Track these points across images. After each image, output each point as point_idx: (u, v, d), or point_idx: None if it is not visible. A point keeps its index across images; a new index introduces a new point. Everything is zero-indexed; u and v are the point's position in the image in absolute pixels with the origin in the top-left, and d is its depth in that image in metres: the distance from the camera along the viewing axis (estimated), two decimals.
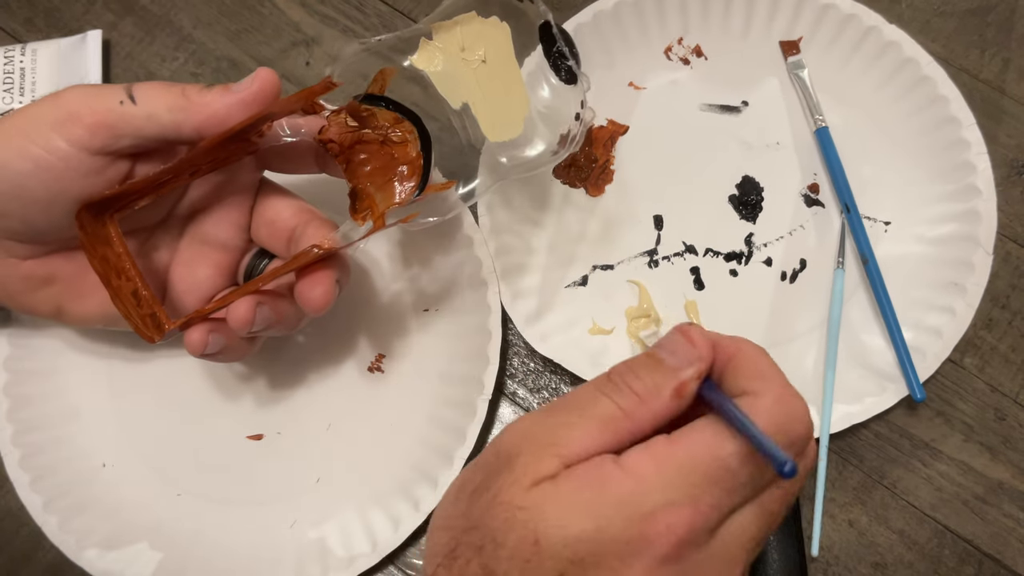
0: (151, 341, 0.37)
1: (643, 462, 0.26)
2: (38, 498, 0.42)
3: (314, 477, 0.45)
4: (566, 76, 0.37)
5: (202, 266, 0.40)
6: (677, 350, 0.28)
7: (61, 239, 0.37)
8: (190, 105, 0.34)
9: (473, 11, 0.36)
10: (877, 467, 0.44)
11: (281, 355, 0.46)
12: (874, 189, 0.47)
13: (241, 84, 0.35)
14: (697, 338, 0.28)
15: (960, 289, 0.44)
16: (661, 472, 0.25)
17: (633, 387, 0.27)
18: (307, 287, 0.37)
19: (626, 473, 0.26)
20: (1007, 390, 0.45)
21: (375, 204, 0.37)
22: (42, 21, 0.53)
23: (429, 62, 0.37)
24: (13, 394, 0.44)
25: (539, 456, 0.26)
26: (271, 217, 0.39)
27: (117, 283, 0.37)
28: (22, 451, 0.43)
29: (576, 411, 0.27)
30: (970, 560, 0.43)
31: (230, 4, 0.53)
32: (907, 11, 0.51)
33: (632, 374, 0.28)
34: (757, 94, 0.49)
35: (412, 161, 0.36)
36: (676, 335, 0.28)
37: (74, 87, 0.35)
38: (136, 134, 0.34)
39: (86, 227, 0.36)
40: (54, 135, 0.33)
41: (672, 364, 0.28)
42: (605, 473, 0.26)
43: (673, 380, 0.27)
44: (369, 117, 0.36)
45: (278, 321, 0.38)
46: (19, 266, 0.37)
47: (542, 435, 0.27)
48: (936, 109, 0.46)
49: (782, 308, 0.46)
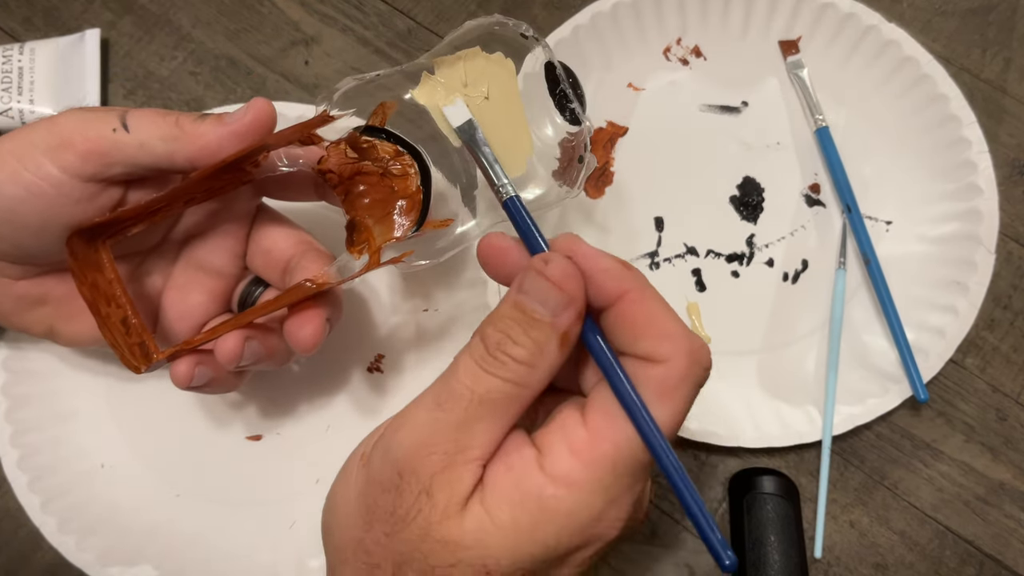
0: (136, 371, 0.36)
1: (573, 468, 0.25)
2: (36, 498, 0.42)
3: (314, 477, 0.44)
4: (570, 117, 0.36)
5: (195, 292, 0.39)
6: (545, 297, 0.26)
7: (53, 262, 0.37)
8: (183, 135, 0.34)
9: (477, 47, 0.35)
10: (878, 468, 0.44)
11: None
12: (875, 189, 0.47)
13: (235, 115, 0.34)
14: (558, 275, 0.26)
15: (962, 288, 0.44)
16: (594, 475, 0.25)
17: (516, 356, 0.26)
18: (296, 326, 0.36)
19: (558, 484, 0.25)
20: (1008, 391, 0.45)
21: (372, 238, 0.36)
22: (40, 20, 0.52)
23: (430, 97, 0.36)
24: (12, 394, 0.44)
25: (452, 470, 0.25)
26: (267, 246, 0.39)
27: (106, 311, 0.36)
28: (20, 452, 0.43)
29: (469, 402, 0.26)
30: (971, 561, 0.43)
31: (229, 3, 0.53)
32: (908, 11, 0.51)
33: (509, 341, 0.26)
34: (757, 94, 0.49)
35: (411, 195, 0.36)
36: (537, 279, 0.26)
37: (70, 112, 0.34)
38: (128, 162, 0.34)
39: (76, 253, 0.35)
40: (46, 161, 0.33)
41: (545, 315, 0.26)
42: (536, 487, 0.25)
43: (553, 333, 0.26)
44: (369, 149, 0.36)
45: (267, 356, 0.37)
46: (12, 286, 0.37)
47: (443, 442, 0.26)
48: (936, 108, 0.46)
49: (784, 309, 0.46)
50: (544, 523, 0.25)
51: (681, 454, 0.43)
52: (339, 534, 0.28)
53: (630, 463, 0.26)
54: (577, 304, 0.26)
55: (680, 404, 0.26)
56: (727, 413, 0.44)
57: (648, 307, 0.27)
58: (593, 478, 0.25)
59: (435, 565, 0.25)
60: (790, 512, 0.42)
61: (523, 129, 0.36)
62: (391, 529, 0.26)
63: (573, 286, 0.26)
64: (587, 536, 0.26)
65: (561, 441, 0.26)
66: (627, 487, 0.26)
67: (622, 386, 0.26)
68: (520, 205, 0.30)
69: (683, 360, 0.26)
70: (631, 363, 0.27)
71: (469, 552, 0.25)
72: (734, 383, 0.45)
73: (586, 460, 0.25)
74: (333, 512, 0.28)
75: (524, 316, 0.26)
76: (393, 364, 0.46)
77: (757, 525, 0.41)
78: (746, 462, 0.45)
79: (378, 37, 0.52)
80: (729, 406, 0.44)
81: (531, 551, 0.25)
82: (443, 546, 0.25)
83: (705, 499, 0.44)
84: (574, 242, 0.28)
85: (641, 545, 0.44)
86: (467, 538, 0.25)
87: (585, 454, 0.25)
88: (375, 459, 0.27)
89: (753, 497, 0.42)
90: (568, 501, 0.25)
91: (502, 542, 0.25)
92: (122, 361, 0.36)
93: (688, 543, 0.44)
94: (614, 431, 0.26)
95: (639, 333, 0.26)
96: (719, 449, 0.44)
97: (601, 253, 0.27)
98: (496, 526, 0.25)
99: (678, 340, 0.26)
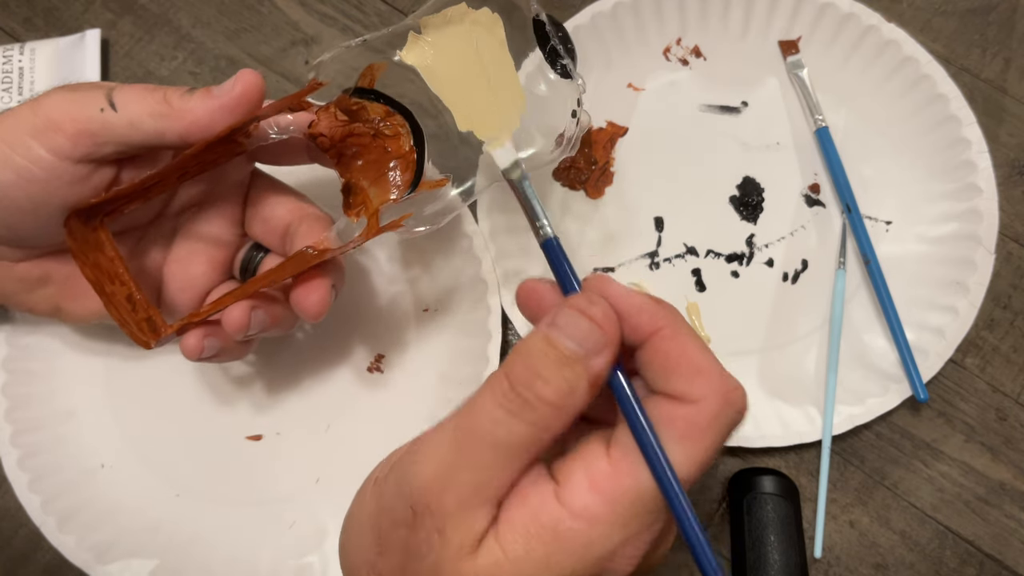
0: (147, 347, 0.37)
1: (592, 503, 0.24)
2: (36, 498, 0.42)
3: (314, 477, 0.44)
4: (561, 71, 0.36)
5: (196, 263, 0.39)
6: (580, 334, 0.25)
7: (52, 243, 0.37)
8: (172, 112, 0.33)
9: (463, 3, 0.35)
10: (878, 468, 0.44)
11: (280, 355, 0.46)
12: (875, 189, 0.47)
13: (223, 87, 0.34)
14: (600, 316, 0.25)
15: (962, 288, 0.44)
16: (613, 511, 0.24)
17: (544, 396, 0.24)
18: (303, 294, 0.36)
19: (575, 517, 0.24)
20: (1008, 390, 0.45)
21: (369, 200, 0.36)
22: (41, 20, 0.52)
23: (418, 57, 0.35)
24: (12, 394, 0.44)
25: (467, 511, 0.24)
26: (265, 214, 0.39)
27: (111, 289, 0.36)
28: (21, 451, 0.43)
29: (489, 445, 0.25)
30: (971, 561, 0.43)
31: (229, 3, 0.53)
32: (908, 11, 0.51)
33: (539, 380, 0.25)
34: (756, 94, 0.49)
35: (405, 155, 0.35)
36: (573, 315, 0.25)
37: (54, 91, 0.34)
38: (119, 141, 0.34)
39: (75, 234, 0.35)
40: (35, 144, 0.33)
41: (577, 353, 0.25)
42: (552, 519, 0.24)
43: (584, 374, 0.25)
44: (359, 111, 0.35)
45: (273, 324, 0.38)
46: (13, 268, 0.37)
47: (458, 483, 0.25)
48: (936, 108, 0.46)
49: (784, 309, 0.46)
50: (559, 554, 0.24)
51: None
52: (353, 556, 0.27)
53: (650, 502, 0.25)
54: (614, 346, 0.25)
55: (706, 446, 0.25)
56: None
57: (681, 343, 0.26)
58: (612, 513, 0.24)
59: None
60: (790, 512, 0.42)
61: (515, 85, 0.35)
62: (403, 561, 0.25)
63: (612, 328, 0.26)
64: (600, 570, 0.25)
65: (582, 473, 0.25)
66: (646, 525, 0.25)
67: (639, 425, 0.25)
68: (558, 246, 0.29)
69: (715, 401, 0.25)
70: (662, 402, 0.26)
71: None
72: None
73: (606, 494, 0.25)
74: (347, 534, 0.28)
75: (553, 352, 0.25)
76: (393, 364, 0.46)
77: (757, 525, 0.41)
78: (746, 462, 0.45)
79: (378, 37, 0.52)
80: None
81: None
82: None
83: (705, 499, 0.44)
84: (606, 283, 0.27)
85: None
86: (480, 572, 0.24)
87: (606, 488, 0.25)
88: (388, 488, 0.26)
89: (753, 497, 0.42)
90: (585, 534, 0.24)
91: (515, 574, 0.24)
92: (131, 338, 0.37)
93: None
94: (637, 467, 0.25)
95: (671, 369, 0.26)
96: None
97: (633, 291, 0.27)
98: (510, 560, 0.24)
99: (712, 379, 0.25)
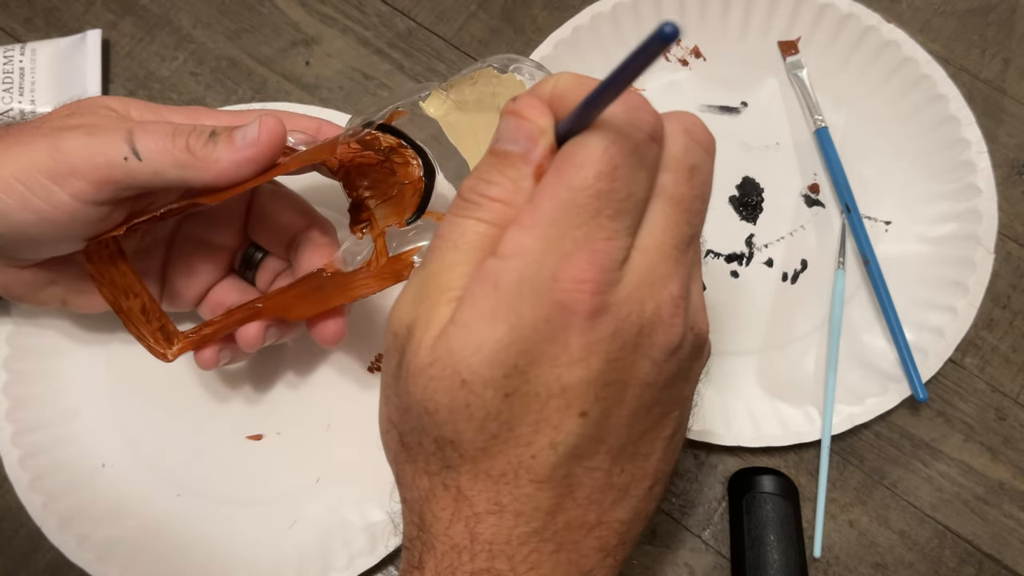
0: (164, 360, 0.38)
1: (517, 237, 0.24)
2: (37, 498, 0.42)
3: (314, 477, 0.44)
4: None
5: (198, 261, 0.40)
6: (517, 134, 0.25)
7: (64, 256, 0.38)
8: (197, 163, 0.33)
9: (491, 67, 0.35)
10: (877, 467, 0.44)
11: (281, 355, 0.46)
12: (874, 189, 0.47)
13: (248, 134, 0.33)
14: (528, 109, 0.25)
15: (962, 288, 0.44)
16: (540, 235, 0.23)
17: (492, 195, 0.25)
18: (322, 327, 0.38)
19: (507, 259, 0.24)
20: (1008, 390, 0.45)
21: (375, 220, 0.36)
22: (41, 20, 0.53)
23: (439, 109, 0.36)
24: (12, 394, 0.44)
25: (432, 310, 0.24)
26: (270, 221, 0.40)
27: (127, 304, 0.38)
28: (22, 451, 0.43)
29: (449, 250, 0.25)
30: (971, 560, 0.43)
31: (230, 4, 0.53)
32: (907, 11, 0.51)
33: (484, 183, 0.25)
34: (756, 94, 0.49)
35: (414, 182, 0.36)
36: (507, 118, 0.25)
37: (72, 133, 0.33)
38: (143, 187, 0.34)
39: (94, 259, 0.36)
40: (56, 189, 0.32)
41: (519, 150, 0.25)
42: (489, 272, 0.24)
43: (527, 166, 0.25)
44: (372, 140, 0.36)
45: (283, 337, 0.40)
46: (20, 273, 0.38)
47: (429, 289, 0.25)
48: (936, 108, 0.46)
49: (783, 309, 0.46)
50: (499, 299, 0.23)
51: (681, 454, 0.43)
52: (379, 421, 0.28)
53: (574, 205, 0.23)
54: (547, 132, 0.25)
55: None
56: (727, 413, 0.44)
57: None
58: (537, 236, 0.23)
59: (419, 399, 0.24)
60: (789, 512, 0.42)
61: None
62: (392, 392, 0.26)
63: (540, 113, 0.25)
64: (548, 304, 0.23)
65: (511, 227, 0.24)
66: (578, 238, 0.23)
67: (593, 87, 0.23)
68: None
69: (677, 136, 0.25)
70: None
71: (437, 367, 0.24)
72: (734, 383, 0.45)
73: (529, 225, 0.24)
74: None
75: (497, 158, 0.25)
76: None
77: (756, 525, 0.41)
78: (746, 461, 0.45)
79: (378, 37, 0.52)
80: (729, 406, 0.44)
81: (495, 335, 0.23)
82: (417, 375, 0.24)
83: (705, 498, 0.44)
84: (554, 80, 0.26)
85: (641, 545, 0.44)
86: (434, 353, 0.24)
87: (529, 221, 0.24)
88: (386, 342, 0.27)
89: (753, 497, 0.42)
90: (516, 267, 0.23)
91: (466, 339, 0.23)
92: (150, 351, 0.38)
93: (688, 543, 0.44)
94: (549, 188, 0.24)
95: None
96: (719, 449, 0.44)
97: (551, 76, 0.26)
98: (458, 326, 0.24)
99: (669, 116, 0.25)
